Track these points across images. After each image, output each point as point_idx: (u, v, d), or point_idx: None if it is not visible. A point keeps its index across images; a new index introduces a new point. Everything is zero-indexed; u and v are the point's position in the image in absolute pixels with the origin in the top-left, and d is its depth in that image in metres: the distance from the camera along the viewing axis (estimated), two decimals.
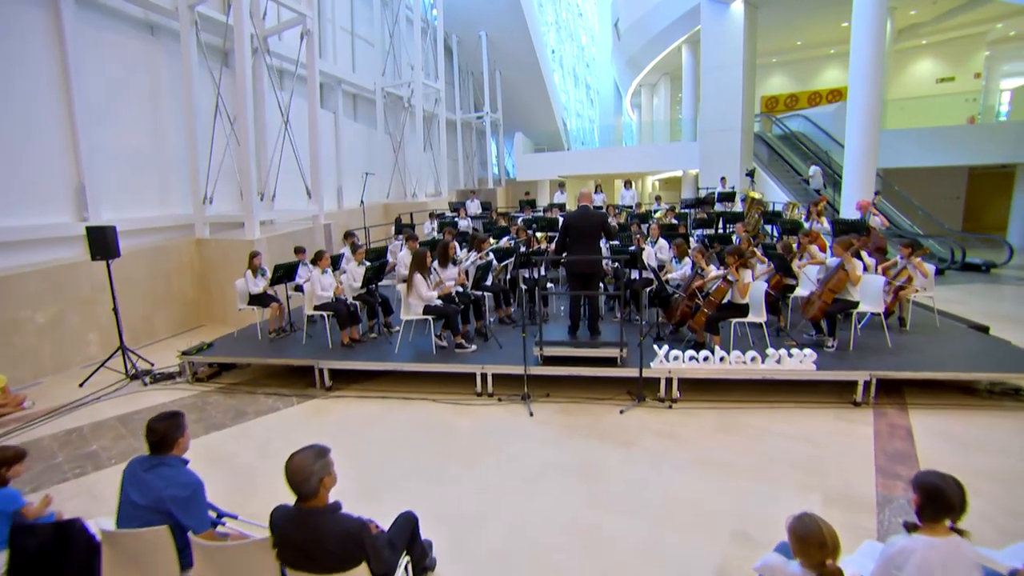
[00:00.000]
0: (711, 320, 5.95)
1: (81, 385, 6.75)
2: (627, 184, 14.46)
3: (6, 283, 6.74)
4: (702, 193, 15.19)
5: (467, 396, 6.11)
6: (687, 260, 7.17)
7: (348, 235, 9.34)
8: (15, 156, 7.27)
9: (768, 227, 11.41)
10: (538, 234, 9.78)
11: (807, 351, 5.56)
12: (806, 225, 9.31)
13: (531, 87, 23.90)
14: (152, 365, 7.24)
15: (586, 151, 26.26)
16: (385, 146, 17.59)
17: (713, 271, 6.38)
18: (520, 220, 11.90)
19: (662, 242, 8.66)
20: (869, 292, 6.28)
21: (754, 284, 6.11)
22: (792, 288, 6.98)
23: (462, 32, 22.31)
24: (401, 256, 8.38)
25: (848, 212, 11.20)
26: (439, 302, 6.70)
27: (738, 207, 12.54)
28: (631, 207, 12.90)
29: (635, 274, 7.75)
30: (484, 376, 6.07)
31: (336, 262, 8.12)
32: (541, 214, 12.61)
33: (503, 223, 11.52)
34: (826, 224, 9.30)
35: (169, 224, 9.69)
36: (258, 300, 7.58)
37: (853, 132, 11.63)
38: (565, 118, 29.59)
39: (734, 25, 15.74)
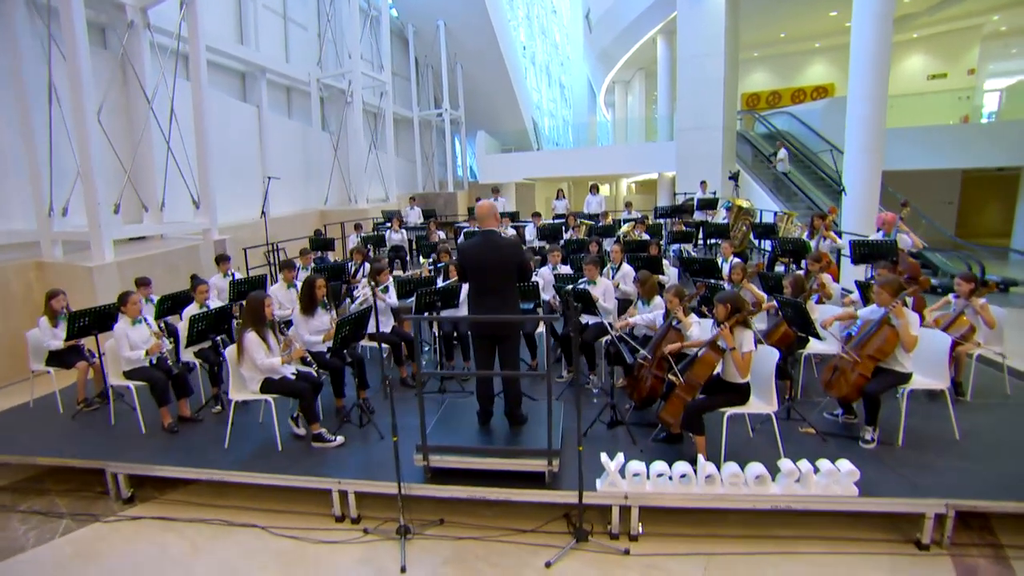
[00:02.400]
0: (692, 413, 3.75)
1: None
2: (593, 188, 12.29)
3: None
4: (680, 199, 13.09)
5: (322, 520, 3.89)
6: (658, 301, 4.99)
7: (221, 259, 7.01)
8: None
9: (758, 242, 9.33)
10: None
11: (843, 465, 3.41)
12: (811, 244, 7.20)
13: (495, 83, 21.62)
14: None
15: (555, 151, 24.10)
16: (325, 145, 15.24)
17: (694, 328, 4.21)
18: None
19: (627, 269, 6.48)
20: (926, 356, 4.15)
21: (761, 352, 3.92)
22: (805, 341, 4.84)
23: (419, 22, 19.99)
24: (274, 290, 6.07)
25: (853, 226, 9.13)
26: (290, 372, 4.43)
27: (721, 216, 10.43)
28: (595, 217, 10.72)
29: (589, 318, 5.58)
30: (344, 494, 3.83)
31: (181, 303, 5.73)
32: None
33: (437, 238, 9.27)
34: (839, 242, 7.18)
35: (8, 242, 7.27)
36: (58, 358, 5.25)
37: (855, 128, 9.59)
38: (536, 117, 27.41)
39: (714, 10, 13.65)
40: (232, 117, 11.90)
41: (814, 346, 4.96)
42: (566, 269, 6.79)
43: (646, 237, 8.75)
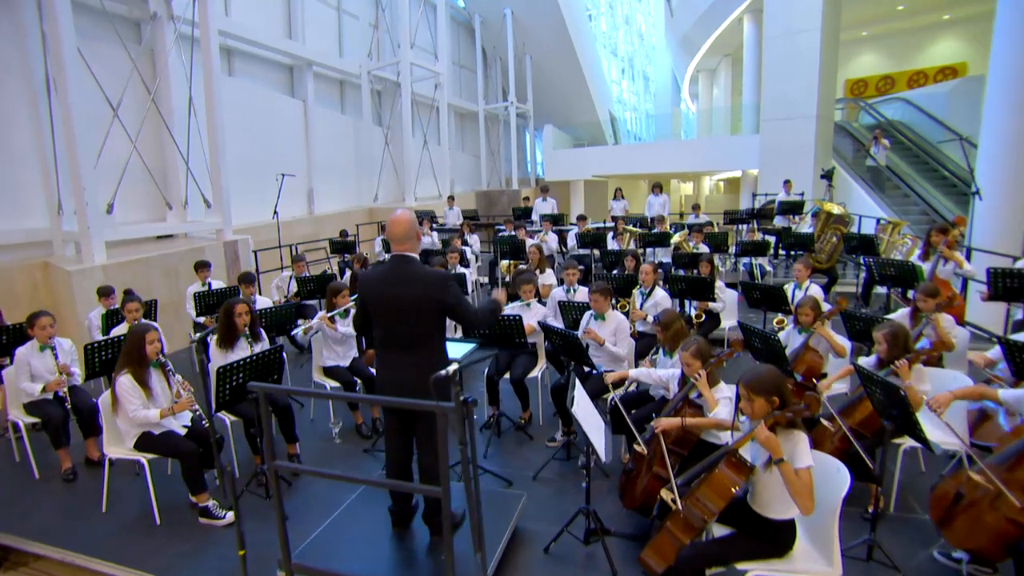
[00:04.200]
0: (687, 566, 2.23)
1: None
2: (656, 188, 10.57)
3: None
4: (759, 201, 11.04)
5: None
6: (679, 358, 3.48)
7: (200, 266, 6.21)
8: None
9: (851, 258, 7.33)
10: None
11: None
12: (924, 268, 5.26)
13: (567, 75, 20.12)
14: None
15: (630, 146, 22.15)
16: (376, 140, 14.54)
17: (722, 408, 2.71)
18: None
19: (661, 296, 4.94)
20: None
21: (823, 461, 2.32)
22: (911, 425, 3.14)
23: (486, 11, 18.91)
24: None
25: (990, 243, 6.88)
26: (179, 426, 3.40)
27: (807, 224, 8.43)
28: (652, 223, 9.06)
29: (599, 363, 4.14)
30: None
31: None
32: (544, 228, 8.86)
33: (461, 243, 8.08)
34: (967, 266, 5.17)
35: (23, 240, 6.98)
36: None
37: (996, 112, 7.29)
38: (616, 111, 25.53)
39: None
40: (276, 112, 11.37)
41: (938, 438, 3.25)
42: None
43: (703, 249, 7.06)
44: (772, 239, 7.99)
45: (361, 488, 3.31)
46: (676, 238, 7.45)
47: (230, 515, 3.34)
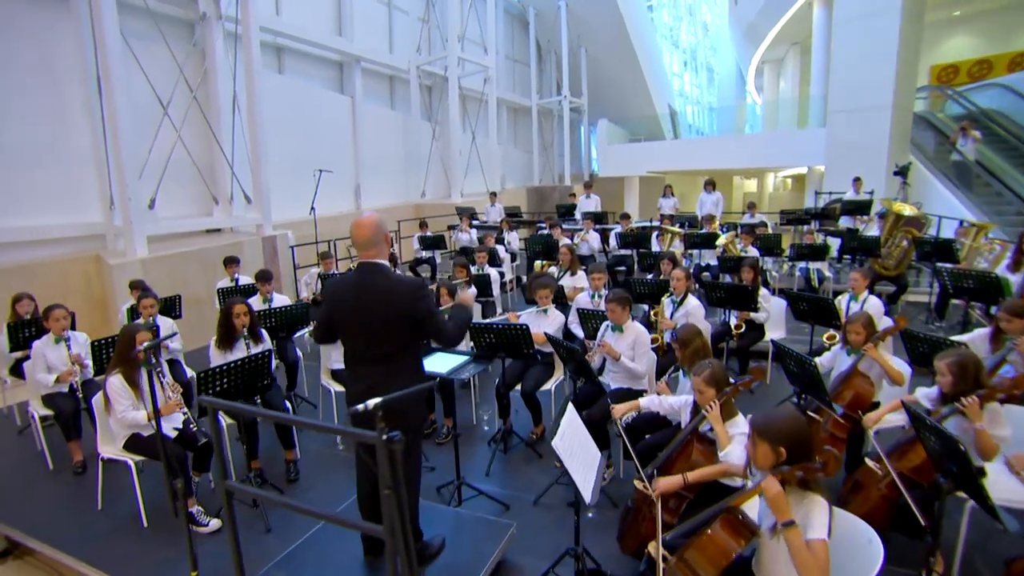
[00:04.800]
0: None
1: None
2: (708, 185, 9.88)
3: None
4: (824, 200, 10.11)
5: None
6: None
7: (229, 262, 6.22)
8: None
9: (926, 264, 6.50)
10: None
11: None
12: (1013, 281, 4.50)
13: (623, 68, 19.43)
14: None
15: (689, 141, 21.14)
16: (425, 135, 14.48)
17: (735, 446, 2.30)
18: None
19: (694, 304, 4.47)
20: None
21: (851, 528, 1.88)
22: (975, 488, 2.58)
23: (540, 4, 18.51)
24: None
25: None
26: (171, 428, 3.30)
27: (874, 227, 7.59)
28: (701, 222, 8.43)
29: (610, 381, 3.76)
30: None
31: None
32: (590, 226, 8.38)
33: (494, 242, 7.80)
34: None
35: (81, 234, 7.30)
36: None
37: None
38: (677, 105, 24.49)
39: None
40: (324, 108, 11.50)
41: (992, 481, 2.68)
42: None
43: (752, 252, 6.46)
44: (836, 242, 7.23)
45: (346, 503, 3.10)
46: (722, 239, 6.86)
47: (215, 522, 3.23)
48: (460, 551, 2.68)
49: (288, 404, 4.32)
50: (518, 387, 4.08)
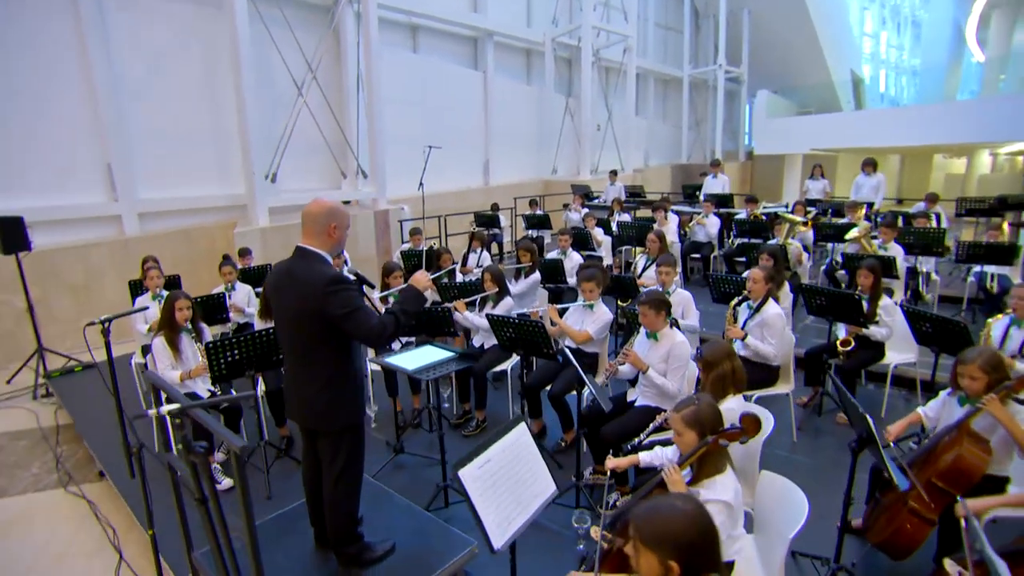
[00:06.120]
0: None
1: (8, 382, 5.76)
2: (867, 166, 8.13)
3: None
4: None
5: None
6: (731, 405, 2.40)
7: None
8: (43, 133, 6.43)
9: None
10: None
11: None
12: None
13: (793, 31, 16.92)
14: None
15: (875, 112, 17.92)
16: (558, 110, 14.05)
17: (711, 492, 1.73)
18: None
19: (774, 311, 3.64)
20: None
21: None
22: None
23: None
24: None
25: None
26: (202, 391, 3.53)
27: None
28: (846, 209, 6.95)
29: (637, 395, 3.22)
30: None
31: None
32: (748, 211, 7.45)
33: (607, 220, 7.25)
34: None
35: (226, 204, 8.30)
36: None
37: None
38: (865, 71, 20.82)
39: None
40: (456, 85, 11.64)
41: None
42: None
43: (895, 249, 5.13)
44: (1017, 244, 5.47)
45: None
46: (853, 232, 5.54)
47: (227, 481, 3.40)
48: (408, 559, 2.46)
49: None
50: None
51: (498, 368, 4.10)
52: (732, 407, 2.36)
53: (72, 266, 6.54)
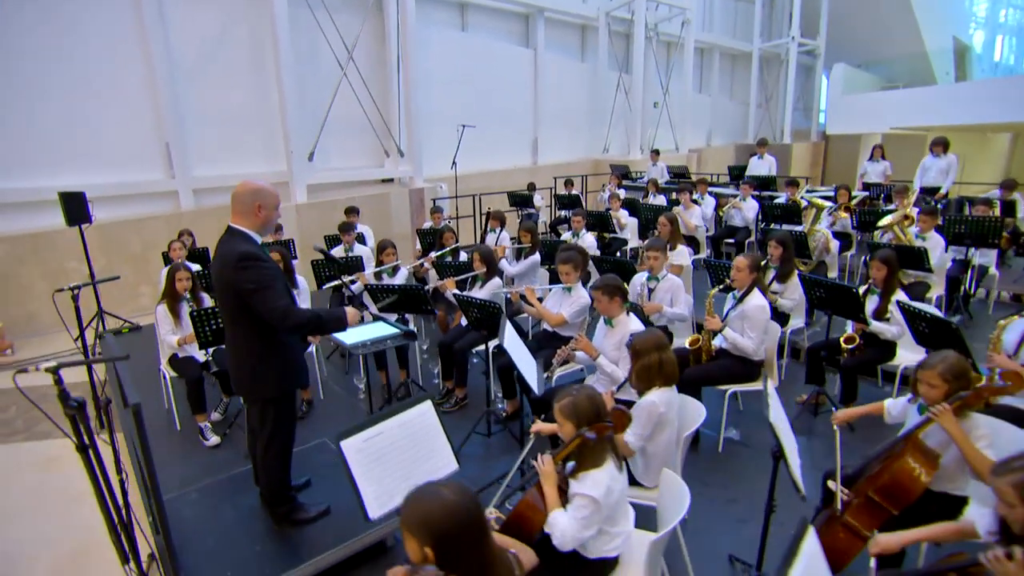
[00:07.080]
0: None
1: (76, 340, 6.49)
2: (936, 147, 7.27)
3: (53, 237, 6.55)
4: None
5: None
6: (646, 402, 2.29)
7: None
8: (110, 116, 7.00)
9: None
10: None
11: None
12: None
13: None
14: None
15: (977, 84, 15.98)
16: (613, 87, 13.57)
17: (558, 516, 1.67)
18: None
19: (756, 303, 3.38)
20: None
21: None
22: None
23: None
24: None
25: None
26: (199, 355, 3.79)
27: None
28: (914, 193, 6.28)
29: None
30: None
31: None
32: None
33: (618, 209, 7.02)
34: None
35: (272, 181, 8.75)
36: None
37: None
38: (968, 37, 18.56)
39: None
40: (505, 63, 11.49)
41: None
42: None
43: (934, 239, 4.61)
44: None
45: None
46: (886, 220, 4.99)
47: (215, 439, 3.65)
48: (342, 521, 2.57)
49: None
50: None
51: (480, 347, 4.11)
52: (654, 400, 2.24)
53: (129, 238, 7.14)
